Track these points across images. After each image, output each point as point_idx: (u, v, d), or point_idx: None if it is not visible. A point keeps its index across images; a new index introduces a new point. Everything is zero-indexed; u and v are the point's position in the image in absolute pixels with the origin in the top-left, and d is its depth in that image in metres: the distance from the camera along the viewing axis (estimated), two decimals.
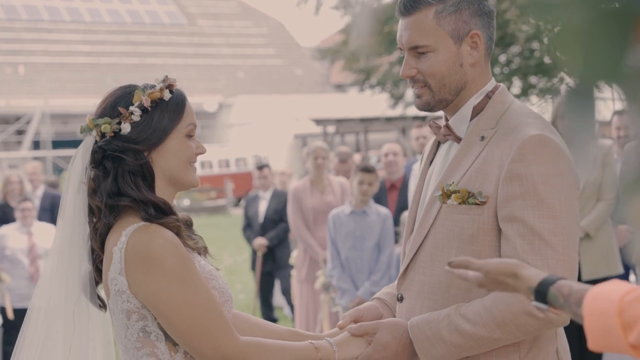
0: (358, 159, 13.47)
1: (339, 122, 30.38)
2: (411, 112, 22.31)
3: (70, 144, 31.81)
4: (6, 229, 8.01)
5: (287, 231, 8.93)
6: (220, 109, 37.67)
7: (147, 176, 2.27)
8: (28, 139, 33.91)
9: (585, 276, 5.47)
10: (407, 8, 2.35)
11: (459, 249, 2.29)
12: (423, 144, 7.04)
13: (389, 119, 27.97)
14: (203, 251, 2.37)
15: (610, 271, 5.57)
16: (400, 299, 2.45)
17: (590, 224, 5.61)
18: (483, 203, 2.25)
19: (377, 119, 28.91)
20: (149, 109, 2.28)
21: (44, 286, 2.38)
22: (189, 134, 2.33)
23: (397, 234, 6.71)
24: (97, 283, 2.33)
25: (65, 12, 40.09)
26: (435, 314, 2.28)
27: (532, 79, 19.24)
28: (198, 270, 2.23)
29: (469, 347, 2.23)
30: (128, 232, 2.20)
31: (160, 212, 2.25)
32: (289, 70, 42.65)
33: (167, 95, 2.31)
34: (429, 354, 2.26)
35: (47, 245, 7.60)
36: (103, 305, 2.33)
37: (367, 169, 6.45)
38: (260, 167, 9.44)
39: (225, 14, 44.48)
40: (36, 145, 34.31)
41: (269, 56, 42.99)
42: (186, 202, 27.55)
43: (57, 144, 33.94)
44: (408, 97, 20.83)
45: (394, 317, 2.47)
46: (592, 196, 5.70)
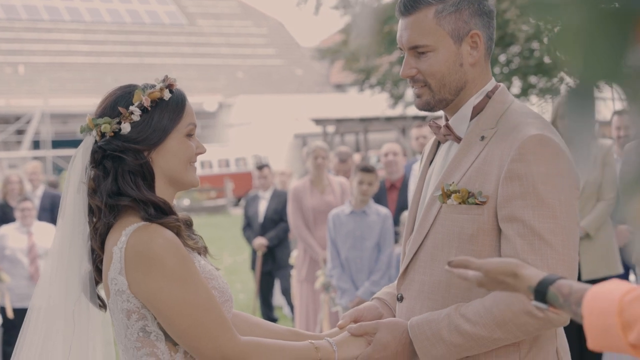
0: (358, 158, 13.46)
1: (338, 122, 30.37)
2: (411, 112, 22.31)
3: (70, 143, 31.81)
4: (6, 228, 8.01)
5: (287, 231, 8.92)
6: (220, 108, 37.67)
7: (147, 176, 2.27)
8: (28, 138, 33.91)
9: (585, 276, 5.48)
10: (407, 8, 2.35)
11: (459, 249, 2.29)
12: (423, 144, 7.03)
13: (389, 119, 27.96)
14: (203, 251, 2.37)
15: (610, 271, 5.57)
16: (400, 299, 2.45)
17: (590, 223, 5.61)
18: (483, 203, 2.25)
19: (376, 119, 28.89)
20: (149, 108, 2.28)
21: (44, 286, 2.38)
22: (189, 134, 2.33)
23: (397, 234, 6.71)
24: (97, 283, 2.33)
25: (65, 11, 40.09)
26: (435, 313, 2.28)
27: (532, 79, 19.24)
28: (198, 270, 2.23)
29: (469, 347, 2.23)
30: (128, 232, 2.20)
31: (160, 212, 2.25)
32: (289, 70, 42.65)
33: (167, 95, 2.30)
34: (428, 354, 2.26)
35: (47, 245, 7.60)
36: (103, 305, 2.33)
37: (367, 169, 6.45)
38: (260, 167, 9.44)
39: (225, 14, 44.49)
40: (36, 145, 34.31)
41: (268, 56, 43.00)
42: (186, 201, 27.56)
43: (57, 144, 33.95)
44: (408, 97, 20.83)
45: (394, 317, 2.47)
46: (592, 196, 5.70)
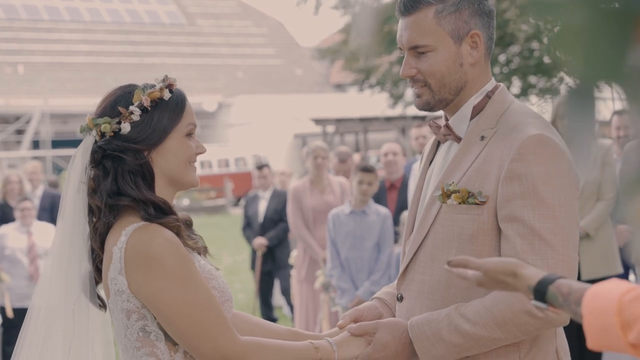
0: (357, 158, 13.46)
1: (338, 121, 30.37)
2: (411, 112, 22.31)
3: (70, 143, 31.81)
4: (6, 228, 8.01)
5: (287, 231, 8.92)
6: (220, 108, 37.66)
7: (146, 176, 2.27)
8: (27, 138, 33.91)
9: (584, 276, 5.48)
10: (407, 8, 2.35)
11: (458, 249, 2.29)
12: (423, 144, 7.03)
13: (389, 119, 27.95)
14: (203, 251, 2.37)
15: (609, 271, 5.58)
16: (400, 299, 2.44)
17: (589, 223, 5.61)
18: (483, 203, 2.25)
19: (376, 119, 28.89)
20: (149, 108, 2.28)
21: (44, 286, 2.38)
22: (188, 134, 2.33)
23: (396, 234, 6.71)
24: (97, 283, 2.33)
25: (64, 11, 40.08)
26: (435, 313, 2.28)
27: (532, 79, 19.25)
28: (198, 270, 2.22)
29: (468, 346, 2.23)
30: (128, 232, 2.20)
31: (160, 212, 2.25)
32: (289, 70, 42.65)
33: (167, 95, 2.30)
34: (428, 354, 2.26)
35: (46, 244, 7.60)
36: (103, 305, 2.33)
37: (367, 169, 6.45)
38: (260, 166, 9.43)
39: (225, 14, 44.48)
40: (36, 144, 34.31)
41: (268, 56, 42.99)
42: (186, 201, 27.56)
43: (56, 144, 33.94)
44: (407, 97, 20.84)
45: (394, 316, 2.47)
46: (592, 196, 5.70)
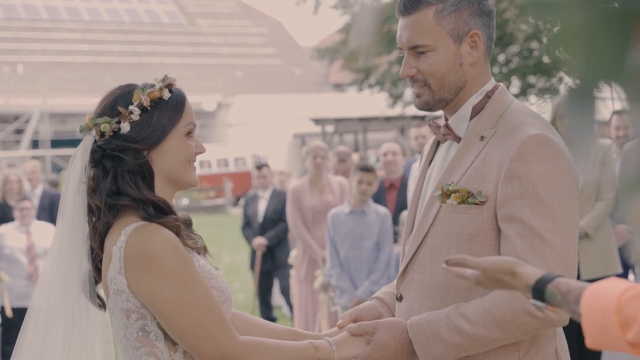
0: (356, 158, 13.45)
1: (337, 121, 30.38)
2: (410, 112, 22.31)
3: (69, 143, 31.83)
4: (5, 228, 8.00)
5: (287, 231, 8.92)
6: (219, 108, 37.66)
7: (146, 175, 2.27)
8: (27, 138, 33.91)
9: (584, 276, 5.48)
10: (407, 7, 2.35)
11: (458, 249, 2.29)
12: (422, 144, 7.03)
13: (388, 119, 27.96)
14: (202, 250, 2.37)
15: (609, 271, 5.58)
16: (400, 299, 2.44)
17: (589, 223, 5.61)
18: (482, 203, 2.25)
19: (376, 119, 28.90)
20: (149, 108, 2.28)
21: (43, 285, 2.38)
22: (188, 133, 2.33)
23: (396, 234, 6.71)
24: (96, 282, 2.33)
25: (64, 11, 40.08)
26: (434, 313, 2.28)
27: (531, 79, 19.26)
28: (197, 270, 2.22)
29: (468, 346, 2.23)
30: (127, 232, 2.20)
31: (159, 212, 2.25)
32: (288, 69, 42.65)
33: (166, 95, 2.30)
34: (428, 354, 2.26)
35: (45, 244, 7.60)
36: (102, 305, 2.33)
37: (367, 169, 6.45)
38: (259, 166, 9.43)
39: (224, 14, 44.49)
40: (35, 144, 34.31)
41: (267, 55, 43.00)
42: (185, 201, 27.57)
43: (55, 143, 33.95)
44: (407, 97, 20.84)
45: (393, 316, 2.47)
46: (591, 196, 5.70)
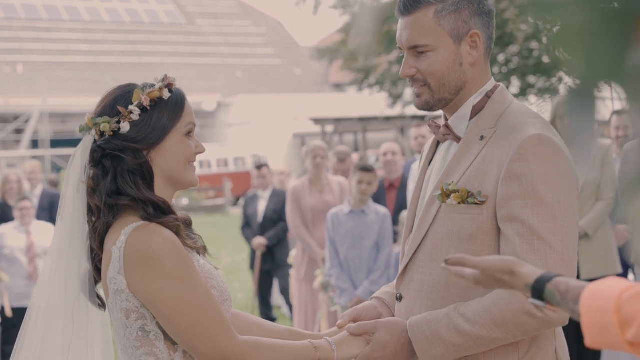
0: (356, 158, 13.46)
1: (337, 121, 30.37)
2: (410, 112, 22.31)
3: (69, 143, 31.85)
4: (5, 227, 8.00)
5: (286, 231, 8.91)
6: (219, 108, 37.66)
7: (146, 175, 2.27)
8: (26, 137, 33.91)
9: (584, 276, 5.48)
10: (407, 7, 2.35)
11: (458, 249, 2.29)
12: (422, 144, 7.03)
13: (388, 119, 27.95)
14: (202, 250, 2.37)
15: (608, 270, 5.58)
16: (399, 299, 2.44)
17: (589, 223, 5.61)
18: (482, 203, 2.25)
19: (375, 119, 28.89)
20: (148, 108, 2.28)
21: (43, 285, 2.37)
22: (188, 133, 2.33)
23: (395, 234, 6.71)
24: (96, 282, 2.33)
25: (64, 11, 40.07)
26: (434, 313, 2.28)
27: (531, 79, 19.26)
28: (197, 270, 2.22)
29: (468, 346, 2.23)
30: (127, 232, 2.20)
31: (159, 212, 2.25)
32: (288, 69, 42.65)
33: (166, 95, 2.30)
34: (428, 354, 2.26)
35: (45, 244, 7.60)
36: (102, 305, 2.33)
37: (366, 169, 6.45)
38: (259, 166, 9.43)
39: (224, 13, 44.48)
40: (35, 144, 34.31)
41: (267, 55, 42.99)
42: (185, 201, 27.56)
43: (55, 143, 33.95)
44: (407, 97, 20.84)
45: (393, 316, 2.47)
46: (591, 196, 5.70)
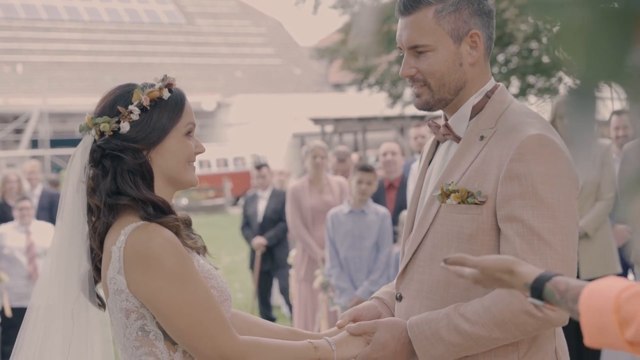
0: (356, 158, 13.46)
1: (337, 121, 30.37)
2: (409, 112, 22.32)
3: (69, 142, 31.83)
4: (4, 227, 8.00)
5: (286, 231, 8.91)
6: (219, 108, 37.66)
7: (146, 175, 2.27)
8: (26, 137, 33.90)
9: (583, 275, 5.48)
10: (407, 7, 2.35)
11: (458, 249, 2.28)
12: (421, 144, 7.03)
13: (387, 119, 27.94)
14: (202, 250, 2.37)
15: (608, 270, 5.58)
16: (399, 299, 2.44)
17: (588, 223, 5.61)
18: (482, 203, 2.25)
19: (375, 119, 28.89)
20: (148, 108, 2.28)
21: (43, 285, 2.37)
22: (188, 133, 2.33)
23: (395, 234, 6.71)
24: (96, 282, 2.33)
25: (63, 10, 40.07)
26: (434, 313, 2.28)
27: (531, 79, 19.28)
28: (197, 270, 2.22)
29: (467, 346, 2.23)
30: (127, 231, 2.20)
31: (159, 211, 2.25)
32: (288, 69, 42.65)
33: (166, 95, 2.30)
34: (427, 354, 2.26)
35: (45, 244, 7.60)
36: (102, 304, 2.33)
37: (366, 169, 6.45)
38: (259, 166, 9.42)
39: (224, 13, 44.47)
40: (34, 144, 34.31)
41: (267, 55, 42.99)
42: (184, 201, 27.56)
43: (55, 143, 33.94)
44: (406, 97, 20.85)
45: (393, 316, 2.47)
46: (591, 196, 5.70)
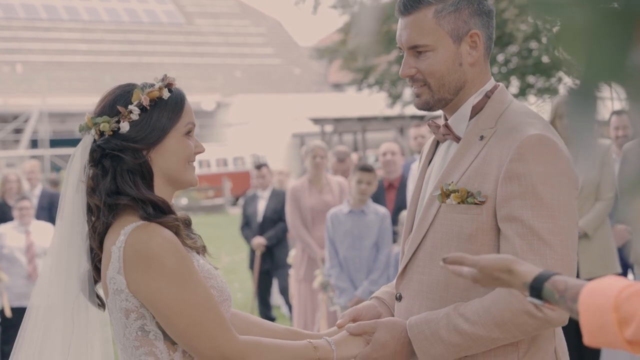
0: (356, 158, 13.46)
1: (336, 121, 30.37)
2: (409, 112, 22.32)
3: (68, 142, 31.84)
4: (4, 227, 8.00)
5: (286, 231, 8.91)
6: (218, 108, 37.66)
7: (145, 175, 2.27)
8: (26, 137, 33.91)
9: (583, 276, 5.48)
10: (407, 7, 2.35)
11: (458, 249, 2.28)
12: (421, 143, 7.02)
13: (387, 118, 27.95)
14: (201, 250, 2.37)
15: (608, 270, 5.58)
16: (399, 298, 2.44)
17: (588, 223, 5.61)
18: (482, 203, 2.25)
19: (375, 118, 28.89)
20: (148, 107, 2.28)
21: (42, 285, 2.38)
22: (187, 133, 2.33)
23: (395, 234, 6.71)
24: (95, 282, 2.33)
25: (63, 10, 40.06)
26: (433, 313, 2.28)
27: (530, 79, 19.29)
28: (197, 270, 2.22)
29: (467, 346, 2.23)
30: (127, 231, 2.20)
31: (159, 211, 2.25)
32: (287, 69, 42.64)
33: (166, 94, 2.30)
34: (427, 354, 2.26)
35: (44, 244, 7.60)
36: (102, 304, 2.33)
37: (366, 168, 6.45)
38: (259, 166, 9.42)
39: (223, 13, 44.47)
40: (34, 143, 34.31)
41: (267, 55, 42.98)
42: (184, 201, 27.56)
43: (54, 143, 33.95)
44: (406, 96, 20.86)
45: (393, 316, 2.47)
46: (590, 196, 5.70)
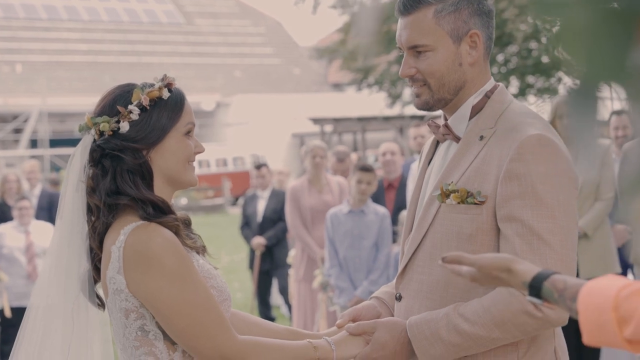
0: (355, 158, 13.46)
1: (336, 121, 30.37)
2: (409, 112, 22.32)
3: (68, 142, 31.83)
4: (4, 227, 8.00)
5: (286, 230, 8.91)
6: (218, 108, 37.65)
7: (145, 175, 2.27)
8: (25, 137, 33.89)
9: (583, 276, 5.48)
10: (407, 7, 2.35)
11: (457, 249, 2.28)
12: (421, 143, 7.02)
13: (387, 118, 27.94)
14: (201, 250, 2.37)
15: (608, 270, 5.58)
16: (399, 298, 2.44)
17: (588, 223, 5.62)
18: (482, 203, 2.25)
19: (374, 118, 28.89)
20: (148, 107, 2.28)
21: (42, 285, 2.38)
22: (187, 133, 2.33)
23: (395, 234, 6.72)
24: (95, 282, 2.33)
25: (63, 10, 40.06)
26: (433, 313, 2.28)
27: (530, 79, 19.30)
28: (197, 269, 2.22)
29: (467, 346, 2.23)
30: (127, 231, 2.20)
31: (158, 211, 2.25)
32: (287, 69, 42.64)
33: (165, 94, 2.30)
34: (427, 354, 2.26)
35: (44, 244, 7.60)
36: (102, 304, 2.33)
37: (366, 168, 6.45)
38: (259, 166, 9.42)
39: (223, 13, 44.47)
40: (34, 143, 34.31)
41: (266, 55, 42.98)
42: (184, 200, 27.55)
43: (54, 143, 33.94)
44: (406, 96, 20.86)
45: (392, 316, 2.47)
46: (590, 196, 5.70)
